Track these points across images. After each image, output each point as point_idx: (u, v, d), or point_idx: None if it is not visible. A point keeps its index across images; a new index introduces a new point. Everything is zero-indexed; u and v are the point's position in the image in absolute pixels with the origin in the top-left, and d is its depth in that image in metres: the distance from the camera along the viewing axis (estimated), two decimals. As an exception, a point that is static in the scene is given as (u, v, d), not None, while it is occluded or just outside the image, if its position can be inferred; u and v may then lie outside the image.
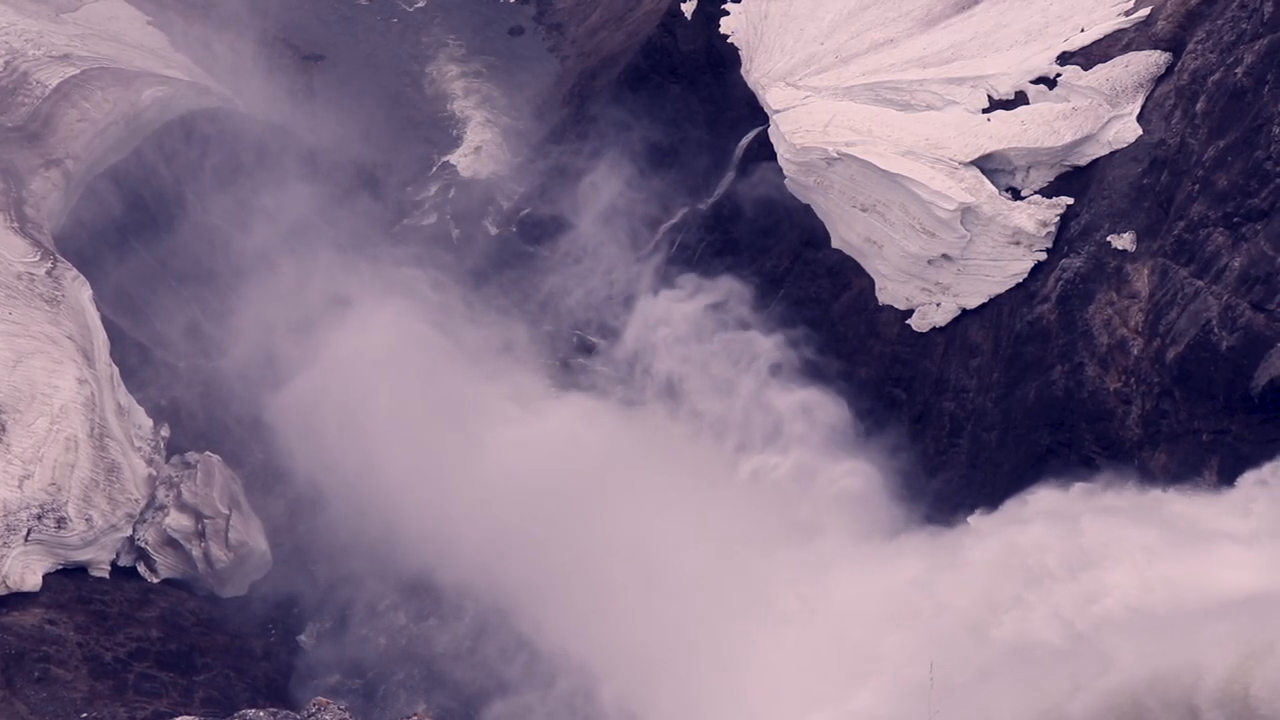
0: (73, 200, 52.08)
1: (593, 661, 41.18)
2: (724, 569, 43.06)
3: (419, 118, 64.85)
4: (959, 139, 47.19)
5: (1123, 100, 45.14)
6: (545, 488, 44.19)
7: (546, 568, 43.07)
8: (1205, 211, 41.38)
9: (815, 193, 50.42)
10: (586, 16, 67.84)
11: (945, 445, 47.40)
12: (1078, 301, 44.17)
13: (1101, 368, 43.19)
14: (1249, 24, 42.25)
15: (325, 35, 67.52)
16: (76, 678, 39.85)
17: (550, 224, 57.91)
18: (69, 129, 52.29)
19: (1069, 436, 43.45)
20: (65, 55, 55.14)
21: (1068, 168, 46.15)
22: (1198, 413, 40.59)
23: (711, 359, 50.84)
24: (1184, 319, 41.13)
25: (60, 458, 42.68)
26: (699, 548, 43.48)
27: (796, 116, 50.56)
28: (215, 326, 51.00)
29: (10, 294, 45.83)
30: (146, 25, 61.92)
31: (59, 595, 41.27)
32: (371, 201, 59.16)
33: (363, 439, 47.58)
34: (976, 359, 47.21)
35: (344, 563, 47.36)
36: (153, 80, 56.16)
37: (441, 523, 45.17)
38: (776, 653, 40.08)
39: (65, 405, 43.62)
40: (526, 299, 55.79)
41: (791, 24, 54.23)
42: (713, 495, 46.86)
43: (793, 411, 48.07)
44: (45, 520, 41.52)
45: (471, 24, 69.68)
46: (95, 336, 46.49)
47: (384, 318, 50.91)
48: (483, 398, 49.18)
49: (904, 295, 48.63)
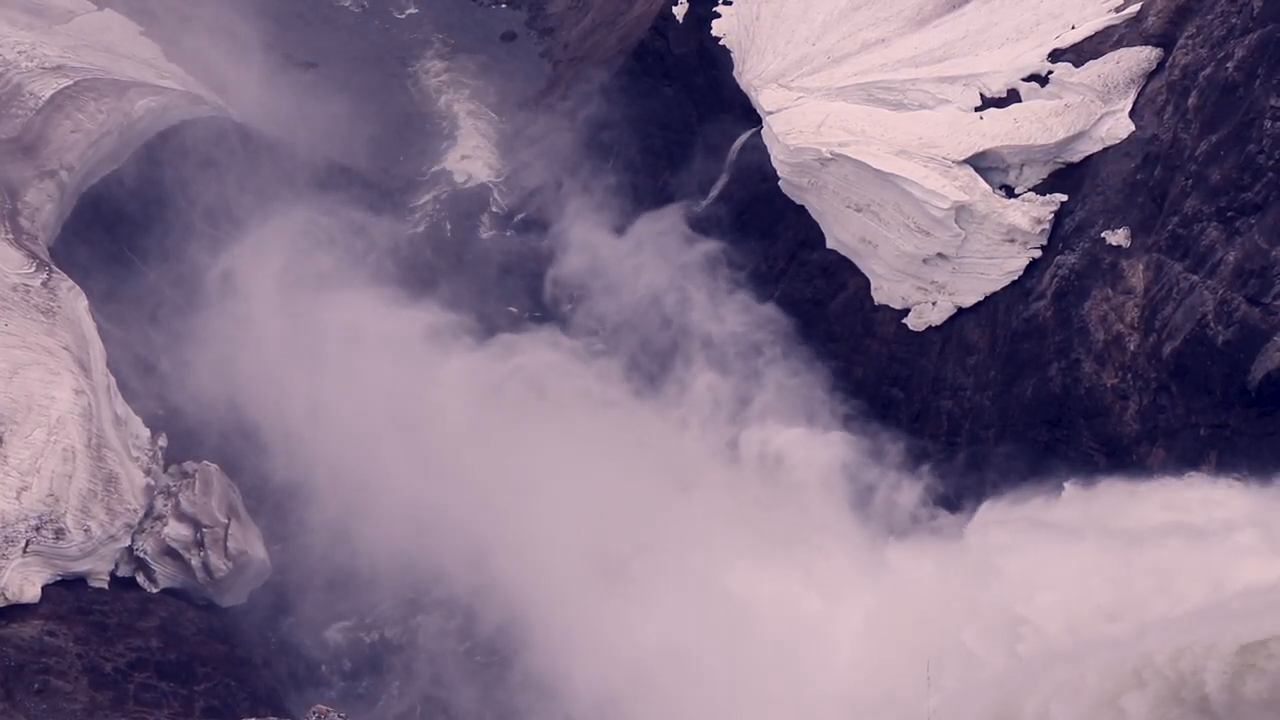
0: (67, 211, 52.09)
1: (596, 673, 41.03)
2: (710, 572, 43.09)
3: (411, 124, 64.90)
4: (952, 138, 47.30)
5: (1115, 96, 45.27)
6: (554, 492, 44.15)
7: (555, 580, 43.01)
8: (1199, 206, 41.50)
9: (809, 193, 50.49)
10: (578, 21, 67.92)
11: (944, 444, 47.46)
12: (1073, 298, 44.25)
13: (1098, 364, 43.27)
14: (1239, 19, 42.41)
15: (317, 43, 67.52)
16: (77, 689, 39.81)
17: (543, 227, 57.96)
18: (63, 140, 52.30)
19: (1067, 433, 43.52)
20: (58, 66, 55.14)
21: (1061, 165, 46.27)
22: (1195, 407, 40.70)
23: (710, 364, 50.87)
24: (1180, 314, 41.22)
25: (58, 469, 42.65)
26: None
27: (789, 118, 50.65)
28: (211, 335, 50.94)
29: (6, 306, 45.83)
30: (139, 35, 61.94)
31: (58, 606, 41.20)
32: (365, 208, 59.15)
33: (362, 446, 47.57)
34: (973, 357, 47.28)
35: (344, 570, 47.30)
36: (146, 90, 56.16)
37: (442, 528, 45.16)
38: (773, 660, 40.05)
39: (62, 416, 43.58)
40: (525, 299, 55.74)
41: (783, 25, 54.34)
42: (706, 495, 46.91)
43: (785, 411, 48.10)
44: (44, 531, 41.47)
45: (463, 29, 69.73)
46: (91, 347, 46.48)
47: (380, 321, 50.93)
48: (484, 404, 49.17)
49: (900, 295, 48.70)
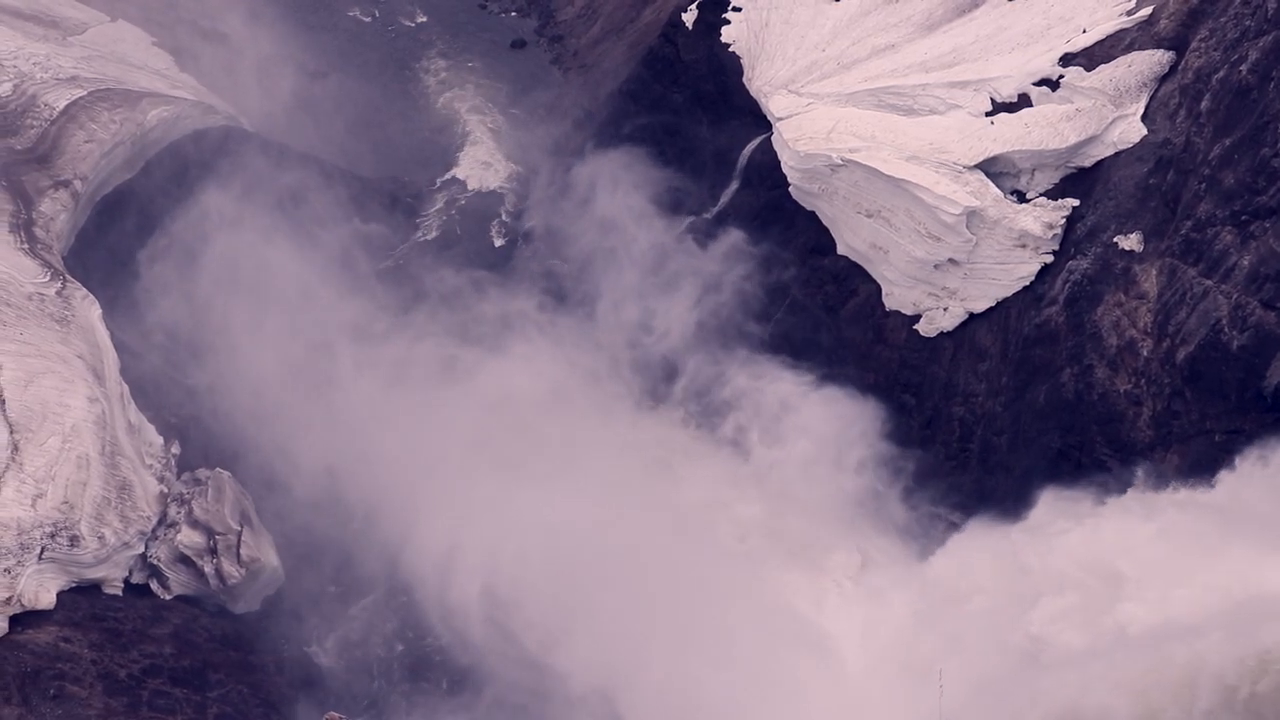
0: (81, 220, 52.44)
1: (616, 687, 40.84)
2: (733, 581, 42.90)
3: (421, 132, 65.10)
4: (963, 143, 47.23)
5: (1127, 100, 45.15)
6: (573, 506, 43.99)
7: (576, 590, 42.88)
8: (1213, 210, 41.32)
9: (820, 199, 50.45)
10: (588, 29, 68.11)
11: (955, 450, 47.28)
12: (1086, 303, 44.08)
13: (1111, 369, 43.06)
14: (1252, 21, 42.25)
15: (328, 52, 67.83)
16: (91, 695, 39.95)
17: (554, 235, 58.00)
18: (76, 150, 52.69)
19: (1080, 439, 43.31)
20: (72, 77, 55.59)
21: (1072, 169, 46.14)
22: (1210, 413, 40.48)
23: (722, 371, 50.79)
24: (1193, 319, 41.02)
25: (73, 476, 42.86)
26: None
27: (799, 124, 50.65)
28: (224, 343, 51.14)
29: (21, 314, 46.12)
30: (152, 46, 62.43)
31: (73, 613, 41.38)
32: (377, 216, 59.33)
33: (375, 455, 47.63)
34: (985, 363, 47.11)
35: (357, 577, 47.35)
36: (158, 100, 56.56)
37: (458, 536, 45.14)
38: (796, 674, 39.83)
39: (77, 424, 43.81)
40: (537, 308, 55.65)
41: (793, 31, 54.37)
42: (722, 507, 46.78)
43: (799, 418, 47.96)
44: (59, 538, 41.66)
45: (473, 38, 69.95)
46: (105, 355, 46.73)
47: (391, 329, 51.02)
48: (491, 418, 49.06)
49: (911, 300, 48.59)
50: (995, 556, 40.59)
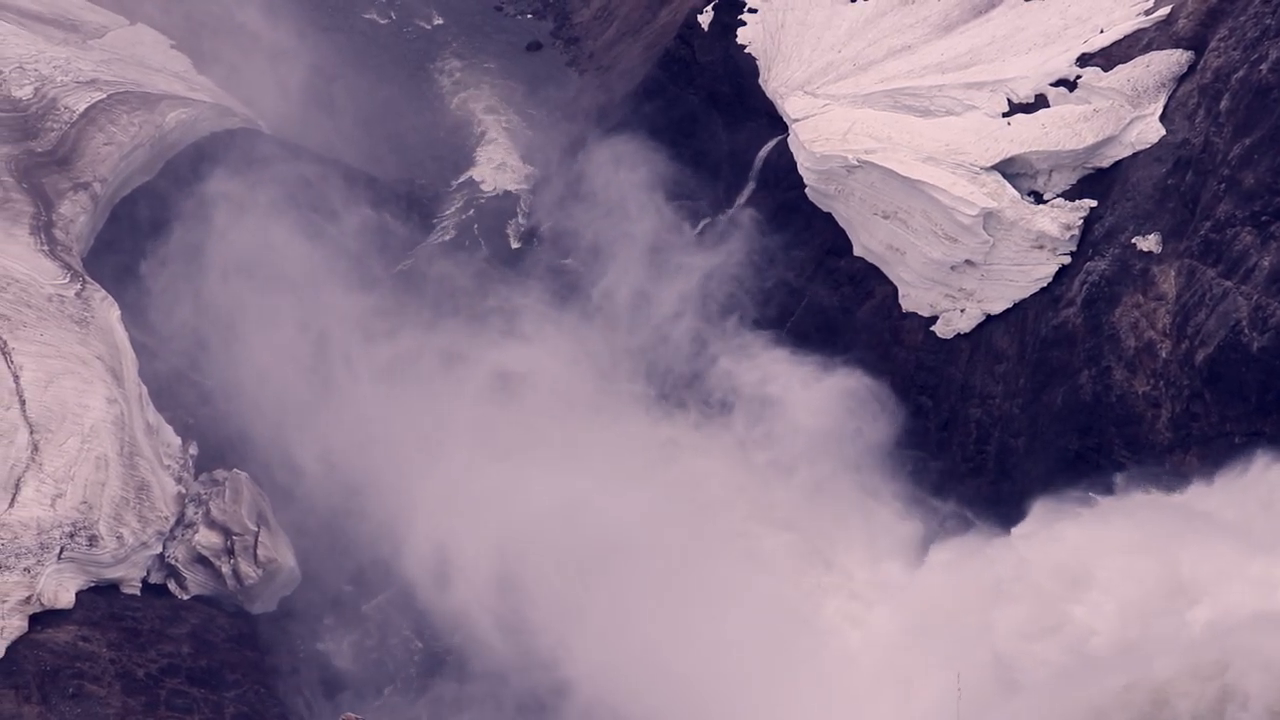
0: (100, 222, 52.81)
1: (618, 687, 40.90)
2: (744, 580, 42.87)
3: (439, 134, 65.29)
4: (979, 144, 47.06)
5: (1145, 100, 44.90)
6: (588, 515, 44.08)
7: (579, 588, 42.94)
8: (1232, 210, 41.05)
9: (836, 201, 50.36)
10: (604, 30, 68.17)
11: (973, 452, 47.09)
12: (1103, 305, 43.85)
13: (1129, 371, 42.81)
14: (1273, 20, 41.97)
15: (345, 54, 68.10)
16: (110, 694, 40.22)
17: (569, 235, 58.08)
18: (96, 153, 53.07)
19: (1098, 441, 43.08)
20: (92, 80, 55.98)
21: (1090, 170, 45.92)
22: (1229, 415, 40.21)
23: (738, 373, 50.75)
24: (1213, 320, 40.75)
25: (91, 476, 43.16)
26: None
27: (815, 125, 50.58)
28: (240, 345, 51.38)
29: (41, 316, 46.49)
30: (170, 49, 62.79)
31: (91, 612, 41.66)
32: (395, 217, 59.53)
33: (392, 456, 47.77)
34: (1002, 365, 46.91)
35: (373, 578, 47.49)
36: (177, 103, 56.91)
37: (471, 539, 45.25)
38: (815, 669, 39.77)
39: (95, 425, 44.13)
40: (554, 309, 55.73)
41: (808, 33, 54.30)
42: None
43: (811, 417, 47.85)
44: (77, 538, 41.96)
45: (489, 40, 70.11)
46: (124, 356, 47.06)
47: (402, 330, 51.15)
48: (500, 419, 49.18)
49: (928, 302, 48.43)
50: (990, 562, 40.55)
